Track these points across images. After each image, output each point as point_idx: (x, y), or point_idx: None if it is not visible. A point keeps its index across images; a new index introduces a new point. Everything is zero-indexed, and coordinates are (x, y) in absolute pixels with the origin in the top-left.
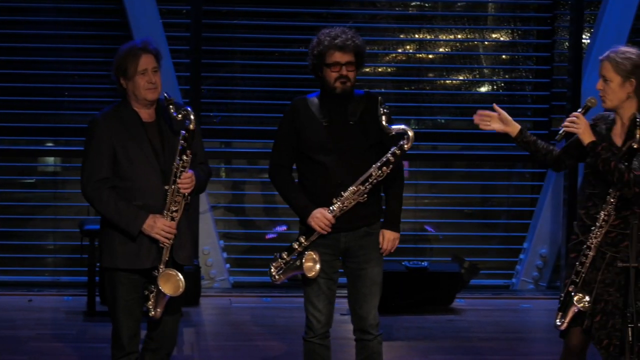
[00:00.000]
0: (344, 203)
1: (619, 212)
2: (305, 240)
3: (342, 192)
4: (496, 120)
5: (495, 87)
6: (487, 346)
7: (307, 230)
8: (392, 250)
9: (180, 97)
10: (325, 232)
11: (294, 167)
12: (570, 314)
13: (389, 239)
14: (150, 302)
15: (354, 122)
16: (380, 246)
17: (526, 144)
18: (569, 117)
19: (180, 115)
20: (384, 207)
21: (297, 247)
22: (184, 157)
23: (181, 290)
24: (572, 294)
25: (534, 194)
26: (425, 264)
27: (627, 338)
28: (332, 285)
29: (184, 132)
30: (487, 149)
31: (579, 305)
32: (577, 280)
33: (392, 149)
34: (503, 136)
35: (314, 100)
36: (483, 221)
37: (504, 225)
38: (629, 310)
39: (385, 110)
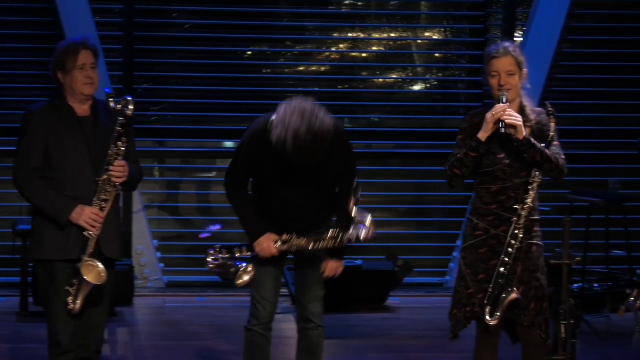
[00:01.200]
0: (290, 246)
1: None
2: (248, 251)
3: (294, 231)
4: None
5: (428, 85)
6: (420, 344)
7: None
8: (334, 277)
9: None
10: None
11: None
12: (504, 308)
13: (332, 267)
14: (70, 298)
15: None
16: (322, 271)
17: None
18: (498, 110)
19: (119, 105)
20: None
21: (237, 254)
22: (119, 144)
23: (103, 278)
24: (508, 288)
25: (468, 192)
26: (359, 262)
27: (559, 335)
28: (279, 275)
29: (121, 118)
30: (421, 147)
31: (513, 297)
32: (506, 272)
33: (349, 234)
34: (437, 134)
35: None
36: (417, 219)
37: (438, 223)
38: (562, 307)
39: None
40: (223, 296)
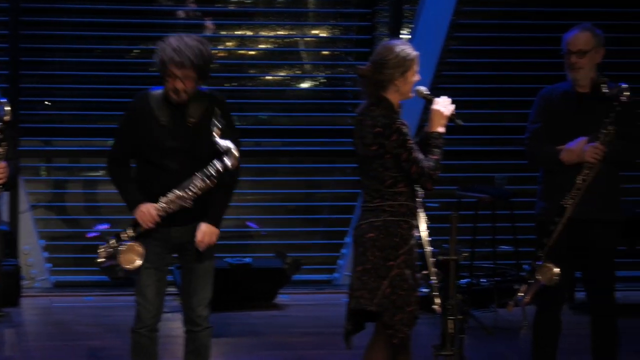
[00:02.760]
0: (169, 205)
1: None
2: (134, 231)
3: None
4: None
5: (316, 83)
6: (310, 341)
7: (136, 223)
8: (209, 244)
9: None
10: (149, 227)
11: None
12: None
13: (204, 231)
14: None
15: (193, 124)
16: (195, 239)
17: None
18: (439, 103)
19: None
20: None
21: (124, 236)
22: None
23: None
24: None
25: (356, 189)
26: (248, 260)
27: (447, 330)
28: (162, 276)
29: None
30: (310, 145)
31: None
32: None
33: (215, 164)
34: (325, 131)
35: (155, 96)
36: (306, 217)
37: (326, 220)
38: (449, 302)
39: (219, 120)
40: (110, 295)
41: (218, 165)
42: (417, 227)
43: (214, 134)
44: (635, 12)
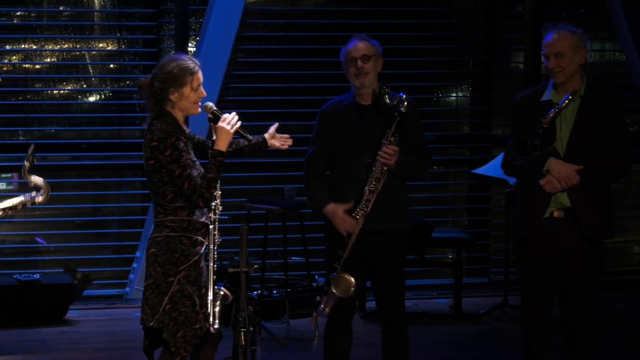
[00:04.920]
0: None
1: None
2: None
3: None
4: None
5: (103, 96)
6: (102, 357)
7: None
8: None
9: None
10: None
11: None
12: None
13: None
14: None
15: None
16: None
17: None
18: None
19: None
20: None
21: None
22: None
23: None
24: None
25: (145, 202)
26: (36, 276)
27: (239, 342)
28: None
29: None
30: (98, 159)
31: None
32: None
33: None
34: (113, 145)
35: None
36: (95, 231)
37: (115, 234)
38: (241, 314)
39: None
40: None
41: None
42: (202, 242)
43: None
44: (412, 23)
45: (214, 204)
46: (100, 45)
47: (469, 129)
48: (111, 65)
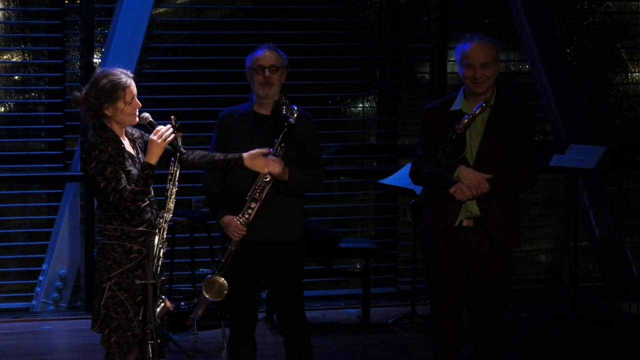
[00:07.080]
0: None
1: None
2: None
3: None
4: None
5: (8, 108)
6: None
7: None
8: None
9: None
10: None
11: None
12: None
13: None
14: None
15: None
16: None
17: None
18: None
19: None
20: None
21: None
22: None
23: None
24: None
25: (51, 215)
26: None
27: (147, 355)
28: None
29: None
30: (3, 171)
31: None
32: None
33: None
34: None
35: None
36: (0, 244)
37: (21, 247)
38: (148, 326)
39: None
40: None
41: None
42: (138, 250)
43: None
44: (318, 34)
45: (163, 211)
46: (5, 57)
47: (376, 139)
48: (16, 77)
